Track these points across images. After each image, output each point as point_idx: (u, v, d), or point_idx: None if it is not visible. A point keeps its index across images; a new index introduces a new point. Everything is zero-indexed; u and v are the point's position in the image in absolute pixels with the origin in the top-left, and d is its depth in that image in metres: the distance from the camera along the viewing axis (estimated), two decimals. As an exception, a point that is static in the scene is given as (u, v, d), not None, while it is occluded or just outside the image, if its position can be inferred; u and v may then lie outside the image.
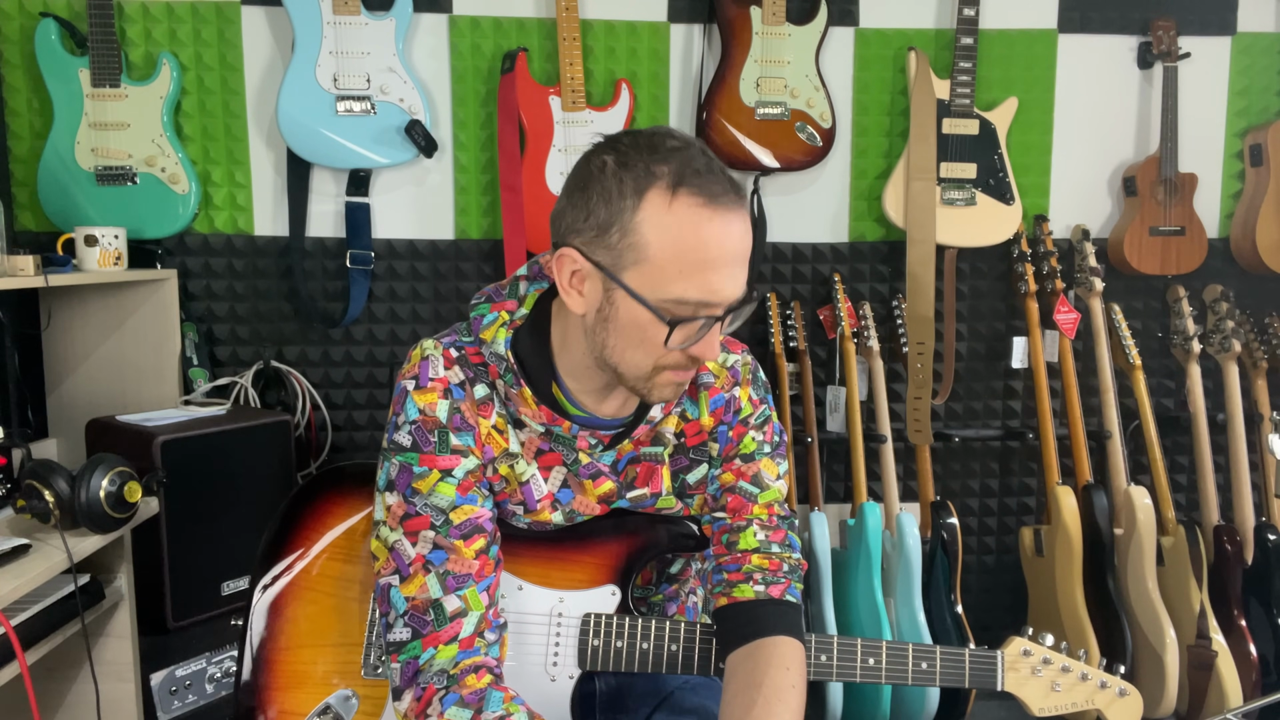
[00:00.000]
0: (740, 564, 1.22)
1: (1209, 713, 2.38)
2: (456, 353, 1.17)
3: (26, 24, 2.34)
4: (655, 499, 1.24)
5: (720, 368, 1.26)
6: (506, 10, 2.47)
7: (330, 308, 2.52)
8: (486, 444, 1.17)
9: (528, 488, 1.19)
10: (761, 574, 1.21)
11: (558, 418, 1.16)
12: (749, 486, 1.25)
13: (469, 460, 1.14)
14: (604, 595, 1.22)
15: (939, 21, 2.59)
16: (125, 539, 1.92)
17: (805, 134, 2.47)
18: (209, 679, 2.08)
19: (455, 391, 1.15)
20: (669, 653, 1.21)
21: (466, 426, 1.15)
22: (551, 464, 1.20)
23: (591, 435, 1.19)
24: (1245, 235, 2.62)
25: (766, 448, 1.27)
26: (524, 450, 1.19)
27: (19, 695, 1.62)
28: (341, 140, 2.36)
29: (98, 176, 2.32)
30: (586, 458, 1.20)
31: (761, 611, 1.19)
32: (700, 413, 1.25)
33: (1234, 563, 2.47)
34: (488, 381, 1.17)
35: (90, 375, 2.36)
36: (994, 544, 2.78)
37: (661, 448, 1.24)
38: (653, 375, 1.10)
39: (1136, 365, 2.57)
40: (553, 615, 1.20)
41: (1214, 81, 2.67)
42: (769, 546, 1.24)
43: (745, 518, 1.25)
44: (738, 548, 1.23)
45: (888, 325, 2.62)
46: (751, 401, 1.27)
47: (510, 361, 1.15)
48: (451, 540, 1.11)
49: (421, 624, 1.09)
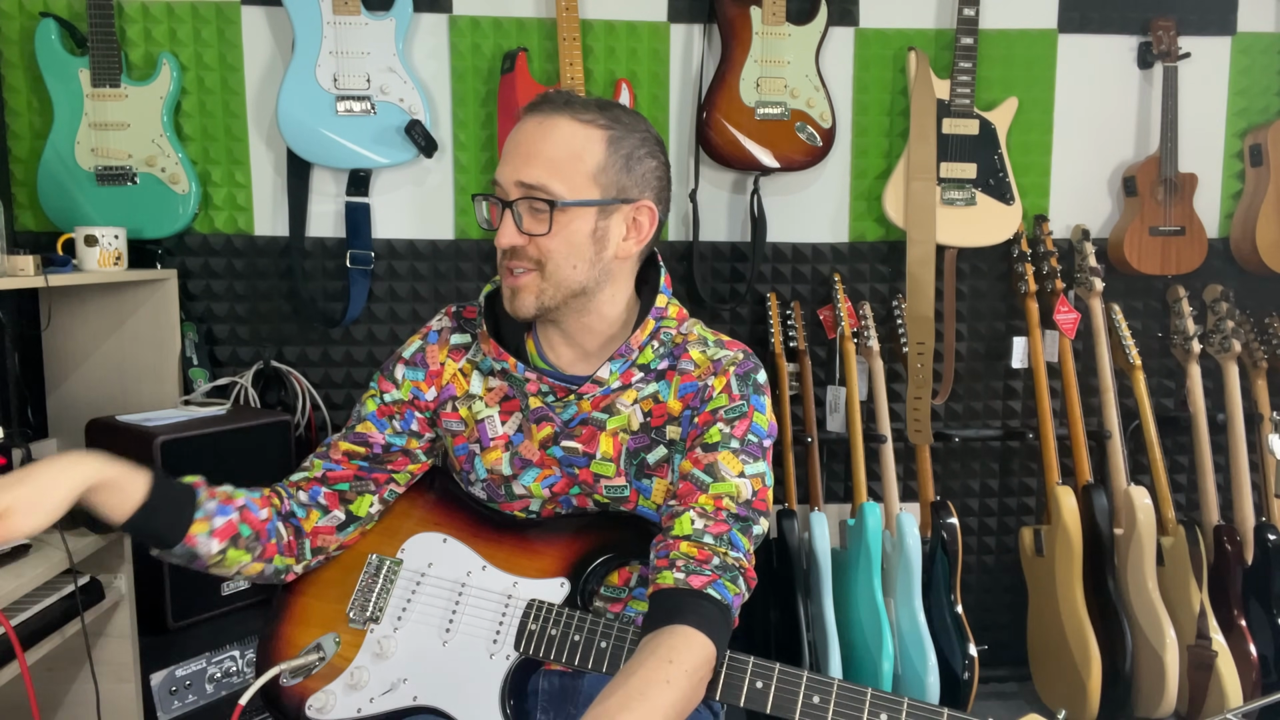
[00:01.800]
0: (669, 550, 1.18)
1: (1209, 713, 2.38)
2: (457, 309, 1.40)
3: (26, 24, 2.35)
4: (589, 460, 1.29)
5: (705, 359, 1.28)
6: (506, 10, 2.47)
7: (330, 308, 2.52)
8: (450, 383, 1.35)
9: (482, 426, 1.33)
10: (685, 562, 1.16)
11: (504, 354, 1.29)
12: (701, 475, 1.22)
13: (398, 392, 1.35)
14: (553, 586, 1.27)
15: (939, 21, 2.59)
16: (125, 539, 1.92)
17: (805, 134, 2.48)
18: (209, 679, 2.08)
19: (431, 336, 1.37)
20: (598, 648, 1.19)
21: (422, 364, 1.36)
22: (512, 410, 1.33)
23: (542, 382, 1.28)
24: (1245, 235, 2.62)
25: (734, 443, 1.23)
26: (488, 395, 1.33)
27: (19, 695, 1.62)
28: (341, 140, 2.36)
29: (98, 176, 2.32)
30: (537, 402, 1.30)
31: (675, 601, 1.13)
32: (669, 396, 1.28)
33: (1234, 563, 2.47)
34: (472, 331, 1.36)
35: (90, 375, 2.36)
36: (994, 544, 2.78)
37: (609, 416, 1.28)
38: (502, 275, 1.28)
39: (1136, 365, 2.57)
40: (504, 597, 1.27)
41: (1214, 81, 2.67)
42: (702, 536, 1.18)
43: (689, 505, 1.21)
44: (671, 533, 1.19)
45: (888, 325, 2.62)
46: (729, 394, 1.25)
47: (481, 306, 1.33)
48: (345, 437, 1.37)
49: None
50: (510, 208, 1.22)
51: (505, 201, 1.22)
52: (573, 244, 1.22)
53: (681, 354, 1.30)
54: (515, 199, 1.21)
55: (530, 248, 1.22)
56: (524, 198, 1.21)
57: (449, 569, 1.31)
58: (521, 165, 1.21)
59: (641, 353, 1.28)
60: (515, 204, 1.21)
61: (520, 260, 1.24)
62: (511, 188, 1.22)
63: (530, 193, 1.21)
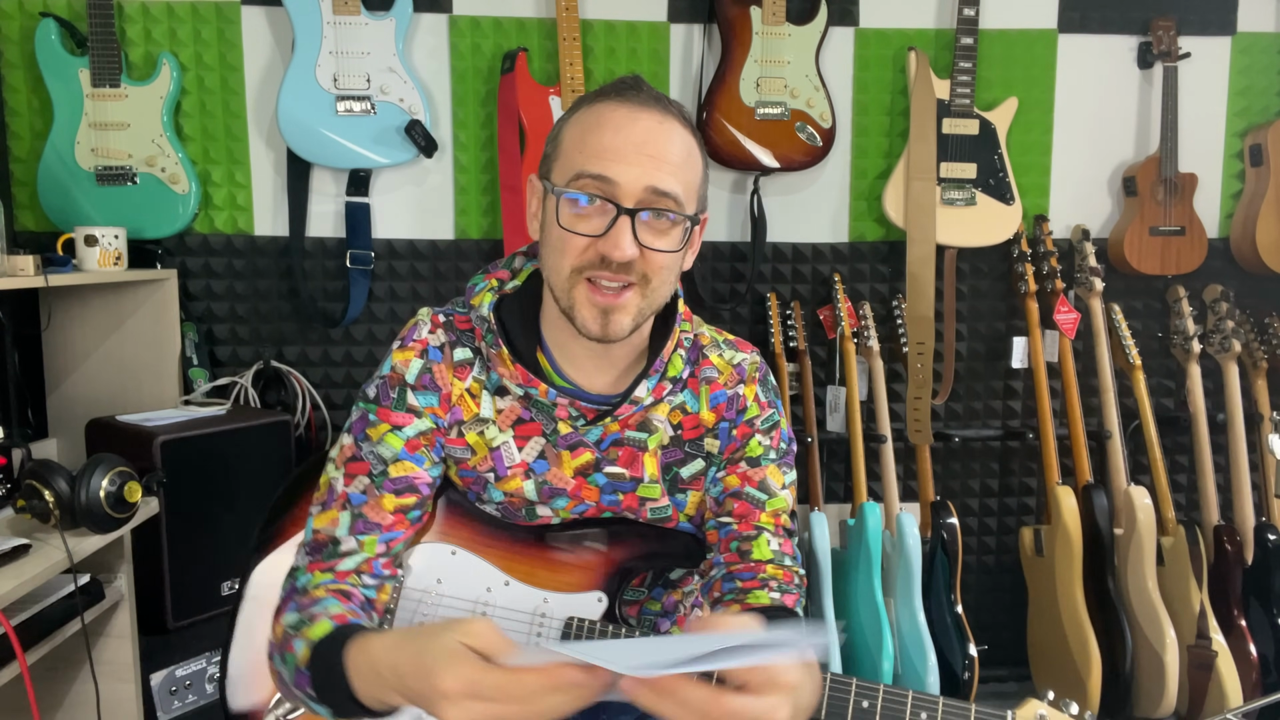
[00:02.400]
0: (756, 572, 1.20)
1: (1209, 713, 2.38)
2: (444, 318, 1.20)
3: (26, 24, 2.35)
4: (636, 484, 1.21)
5: (725, 364, 1.24)
6: (506, 10, 2.47)
7: (330, 308, 2.52)
8: (457, 405, 1.18)
9: (497, 454, 1.18)
10: (777, 583, 1.19)
11: (534, 379, 1.15)
12: (756, 493, 1.22)
13: (422, 421, 1.16)
14: (589, 601, 1.19)
15: (939, 21, 2.59)
16: (125, 539, 1.92)
17: (805, 134, 2.47)
18: (209, 679, 2.08)
19: (433, 353, 1.18)
20: None
21: (434, 387, 1.17)
22: (530, 434, 1.19)
23: (573, 406, 1.16)
24: (1245, 235, 2.62)
25: (773, 454, 1.24)
26: (499, 418, 1.18)
27: (19, 695, 1.62)
28: (341, 140, 2.36)
29: (98, 176, 2.32)
30: (567, 428, 1.18)
31: (781, 617, 1.16)
32: (700, 406, 1.23)
33: (1234, 563, 2.47)
34: (472, 346, 1.19)
35: (90, 375, 2.36)
36: (994, 544, 2.78)
37: (647, 435, 1.21)
38: (573, 287, 1.08)
39: (1136, 365, 2.57)
40: (535, 615, 1.18)
41: (1214, 81, 2.67)
42: (782, 559, 1.21)
43: (754, 525, 1.21)
44: (751, 557, 1.20)
45: (888, 325, 2.62)
46: (759, 403, 1.24)
47: (491, 322, 1.16)
48: (382, 491, 1.13)
49: (316, 553, 1.12)
50: (632, 215, 1.06)
51: (625, 208, 1.05)
52: (676, 260, 1.12)
53: (702, 359, 1.24)
54: (641, 207, 1.06)
55: (640, 261, 1.08)
56: (652, 208, 1.06)
57: (462, 586, 1.19)
58: (653, 169, 1.06)
59: (671, 364, 1.20)
60: (640, 212, 1.06)
61: (624, 274, 1.07)
62: (640, 192, 1.05)
63: (660, 202, 1.06)
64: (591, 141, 1.07)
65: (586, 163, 1.06)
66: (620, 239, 1.05)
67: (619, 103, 1.08)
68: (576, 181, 1.06)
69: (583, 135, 1.08)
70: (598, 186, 1.05)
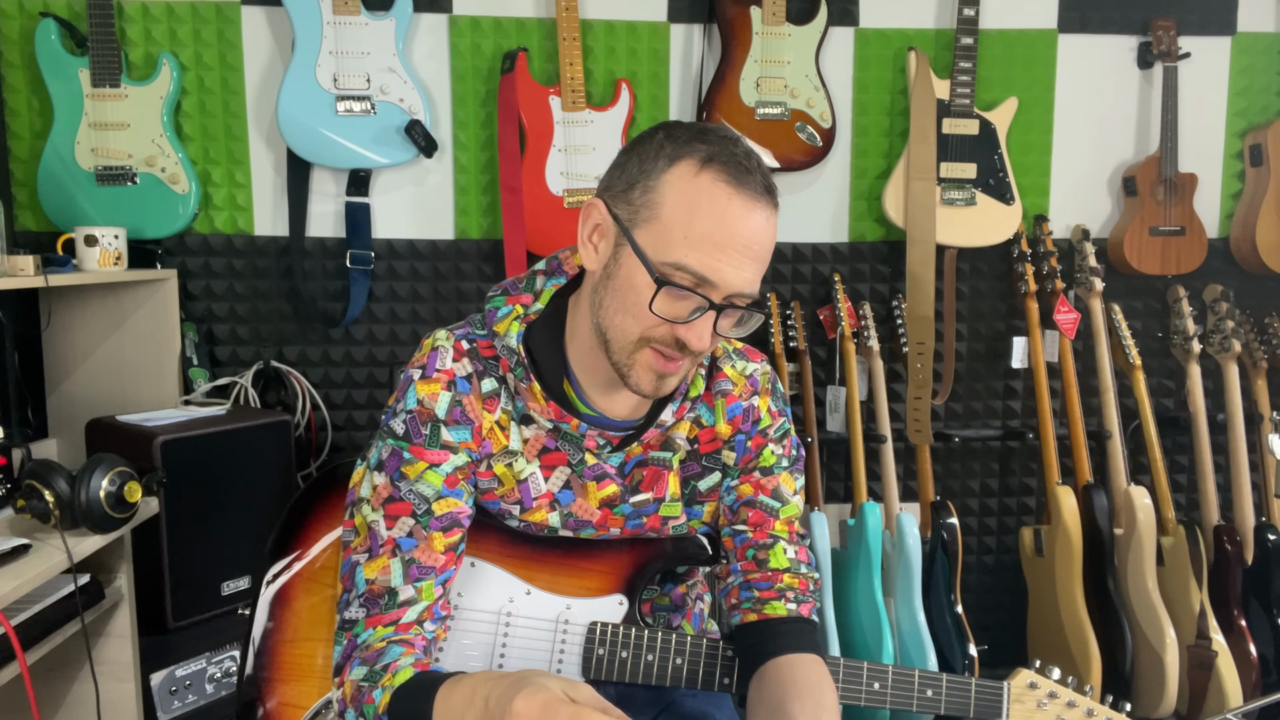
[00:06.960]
0: (773, 582, 1.23)
1: (1209, 713, 2.38)
2: (468, 345, 1.16)
3: (26, 24, 2.34)
4: (659, 505, 1.22)
5: (739, 375, 1.24)
6: (506, 10, 2.47)
7: (330, 308, 2.52)
8: (487, 439, 1.15)
9: (525, 486, 1.17)
10: (794, 593, 1.22)
11: (566, 415, 1.14)
12: (770, 501, 1.24)
13: (458, 457, 1.13)
14: (611, 604, 1.21)
15: (939, 21, 2.59)
16: (125, 539, 1.92)
17: (805, 134, 2.48)
18: (209, 679, 2.08)
19: (460, 384, 1.14)
20: (674, 666, 1.20)
21: (465, 420, 1.14)
22: (555, 464, 1.18)
23: (600, 435, 1.17)
24: (1245, 235, 2.62)
25: (785, 462, 1.26)
26: (526, 448, 1.17)
27: (19, 695, 1.62)
28: (341, 140, 2.36)
29: (98, 176, 2.32)
30: (593, 458, 1.18)
31: (798, 628, 1.20)
32: (716, 420, 1.23)
33: (1234, 563, 2.47)
34: (497, 375, 1.16)
35: (90, 375, 2.36)
36: (994, 544, 2.78)
37: (671, 453, 1.21)
38: (635, 350, 1.07)
39: (1136, 365, 2.57)
40: (559, 622, 1.19)
41: (1214, 81, 2.67)
42: (799, 567, 1.24)
43: (769, 534, 1.24)
44: (768, 565, 1.23)
45: (888, 325, 2.62)
46: (771, 413, 1.26)
47: (521, 355, 1.13)
48: (429, 531, 1.10)
49: (373, 606, 1.08)
50: (719, 310, 1.04)
51: (715, 304, 1.04)
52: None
53: (716, 372, 1.24)
54: (728, 304, 1.04)
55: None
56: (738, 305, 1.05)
57: (484, 598, 1.19)
58: (752, 274, 1.05)
59: (693, 385, 1.21)
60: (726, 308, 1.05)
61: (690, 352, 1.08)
62: (732, 290, 1.04)
63: (746, 300, 1.06)
64: (700, 228, 1.02)
65: (690, 254, 1.02)
66: (704, 332, 1.05)
67: (735, 189, 1.03)
68: (677, 272, 1.02)
69: (690, 214, 1.02)
70: (694, 281, 1.03)
